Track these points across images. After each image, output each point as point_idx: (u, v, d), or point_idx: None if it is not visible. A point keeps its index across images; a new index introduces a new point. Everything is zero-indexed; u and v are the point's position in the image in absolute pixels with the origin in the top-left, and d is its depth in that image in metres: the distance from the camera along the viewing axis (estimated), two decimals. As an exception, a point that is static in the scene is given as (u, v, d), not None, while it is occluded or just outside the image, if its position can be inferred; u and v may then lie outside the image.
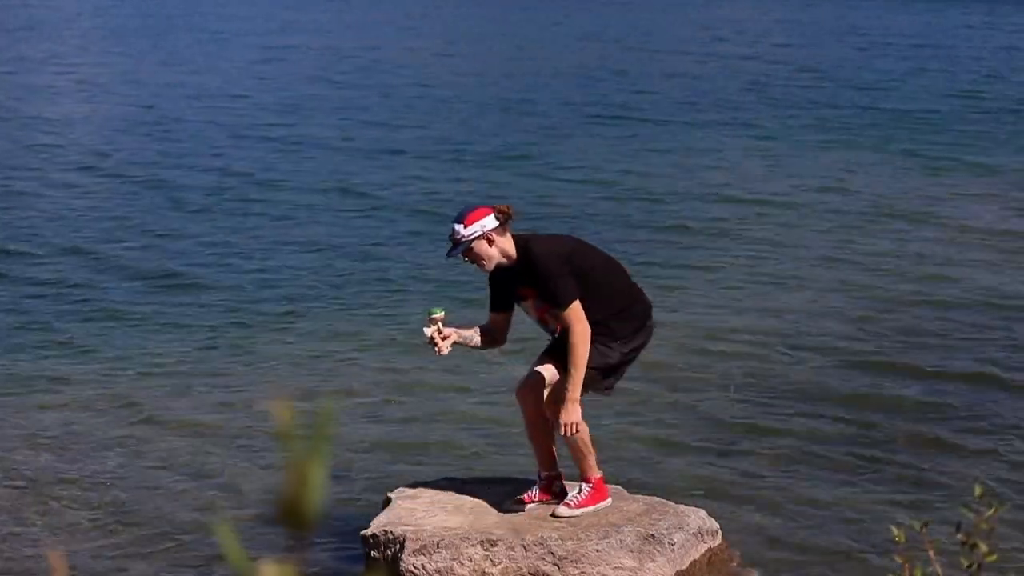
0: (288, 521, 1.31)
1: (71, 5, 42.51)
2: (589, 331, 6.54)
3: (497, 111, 22.11)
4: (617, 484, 7.27)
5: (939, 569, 2.76)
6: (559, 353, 6.70)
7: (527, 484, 7.09)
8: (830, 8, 42.41)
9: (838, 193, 15.84)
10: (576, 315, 6.52)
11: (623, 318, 6.72)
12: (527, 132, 20.18)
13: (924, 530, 2.81)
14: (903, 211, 14.92)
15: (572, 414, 6.57)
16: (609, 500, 6.96)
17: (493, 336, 6.91)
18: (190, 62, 28.37)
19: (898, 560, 2.71)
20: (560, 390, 6.61)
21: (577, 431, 6.62)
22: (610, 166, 17.42)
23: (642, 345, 6.87)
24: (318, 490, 1.28)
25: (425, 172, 17.18)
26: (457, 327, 6.79)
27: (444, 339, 6.68)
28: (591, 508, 6.88)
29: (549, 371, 6.76)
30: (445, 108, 22.36)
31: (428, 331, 6.66)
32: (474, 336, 6.85)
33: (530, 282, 6.64)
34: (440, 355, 6.76)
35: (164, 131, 20.32)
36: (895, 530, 2.75)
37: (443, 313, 6.69)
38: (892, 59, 29.18)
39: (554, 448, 6.97)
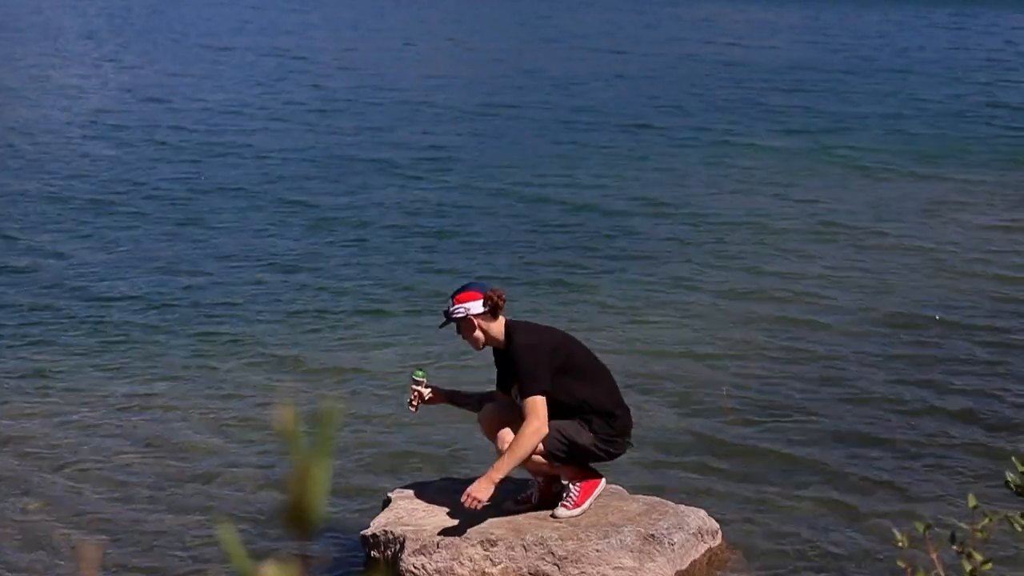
0: (292, 524, 1.31)
1: (43, 3, 42.41)
2: (544, 431, 6.53)
3: (453, 118, 21.50)
4: (617, 484, 7.27)
5: (942, 572, 2.76)
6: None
7: (527, 484, 7.08)
8: (805, 8, 42.30)
9: (798, 204, 15.51)
10: (535, 409, 6.50)
11: (606, 421, 6.71)
12: (481, 139, 19.59)
13: (927, 533, 2.81)
14: (888, 223, 14.92)
15: (483, 492, 6.49)
16: (603, 481, 6.93)
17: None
18: (148, 64, 28.06)
19: (900, 565, 2.70)
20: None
21: (478, 507, 6.53)
22: (560, 175, 16.82)
23: (616, 455, 6.84)
24: (322, 493, 1.28)
25: (375, 182, 16.67)
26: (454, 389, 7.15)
27: (425, 400, 6.94)
28: (589, 500, 6.87)
29: (508, 402, 6.83)
30: (398, 114, 21.91)
31: (412, 393, 6.94)
32: (468, 402, 7.04)
33: (513, 370, 6.67)
34: (411, 411, 7.05)
35: (112, 136, 19.78)
36: (898, 534, 2.74)
37: (424, 377, 6.97)
38: (859, 60, 29.00)
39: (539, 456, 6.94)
